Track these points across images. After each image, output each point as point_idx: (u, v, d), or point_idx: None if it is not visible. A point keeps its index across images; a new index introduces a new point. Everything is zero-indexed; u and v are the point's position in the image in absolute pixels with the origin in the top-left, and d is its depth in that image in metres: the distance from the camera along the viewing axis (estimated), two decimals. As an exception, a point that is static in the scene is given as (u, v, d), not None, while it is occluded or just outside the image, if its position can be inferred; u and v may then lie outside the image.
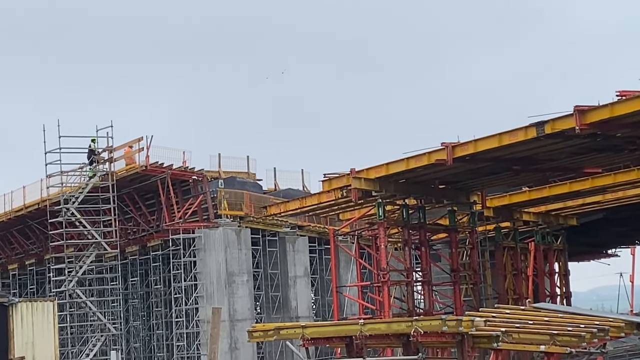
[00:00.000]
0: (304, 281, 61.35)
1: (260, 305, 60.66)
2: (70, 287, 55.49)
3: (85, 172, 57.12)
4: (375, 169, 38.55)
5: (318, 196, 42.84)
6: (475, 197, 44.73)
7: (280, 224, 60.08)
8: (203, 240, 55.32)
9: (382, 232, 39.66)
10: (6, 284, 73.32)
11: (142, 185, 58.48)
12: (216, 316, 32.18)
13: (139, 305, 64.24)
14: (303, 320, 55.33)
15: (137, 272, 63.29)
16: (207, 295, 54.93)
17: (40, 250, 68.99)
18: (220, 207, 56.44)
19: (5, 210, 67.52)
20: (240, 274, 55.52)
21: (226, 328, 52.94)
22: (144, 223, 61.20)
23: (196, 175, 56.89)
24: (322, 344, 27.32)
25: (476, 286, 45.50)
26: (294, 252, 60.98)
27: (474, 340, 23.42)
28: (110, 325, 56.59)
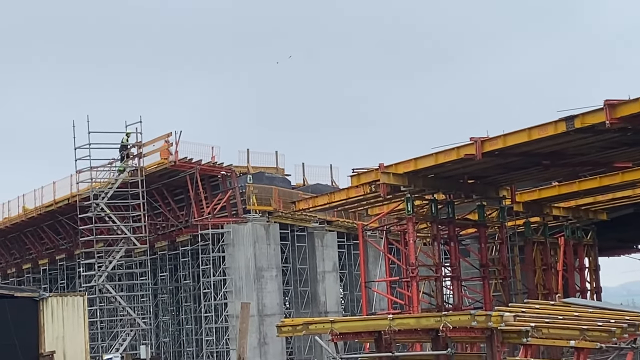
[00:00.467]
0: (333, 276, 61.36)
1: (289, 300, 60.72)
2: (100, 282, 55.80)
3: (114, 168, 57.36)
4: (404, 164, 38.47)
5: (347, 191, 42.79)
6: (504, 192, 44.56)
7: (308, 219, 60.10)
8: (232, 236, 55.44)
9: (410, 227, 39.59)
10: (37, 278, 73.75)
11: (171, 180, 58.67)
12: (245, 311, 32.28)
13: (168, 300, 64.46)
14: (332, 315, 55.35)
15: (166, 267, 63.49)
16: (235, 290, 55.05)
17: (70, 246, 69.34)
18: (249, 202, 56.53)
19: (35, 206, 67.94)
20: (269, 269, 55.59)
21: (255, 323, 53.03)
22: (173, 218, 61.37)
23: (225, 170, 56.99)
24: (350, 338, 27.33)
25: (505, 281, 45.33)
26: (323, 247, 60.99)
27: (503, 335, 23.35)
28: (139, 320, 56.85)
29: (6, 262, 79.78)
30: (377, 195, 40.19)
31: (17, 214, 71.14)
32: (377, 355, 25.37)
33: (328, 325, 25.08)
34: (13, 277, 77.68)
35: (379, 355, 25.12)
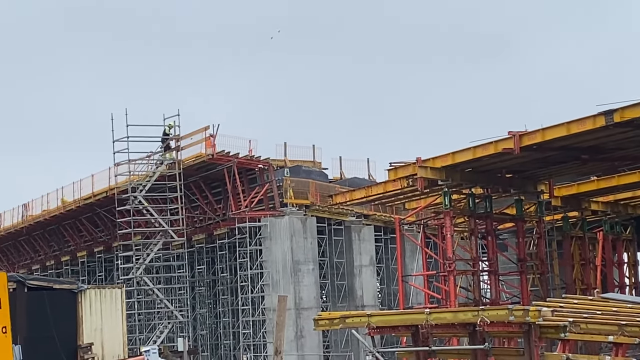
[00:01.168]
0: (370, 270, 61.36)
1: (326, 293, 60.80)
2: (137, 274, 56.12)
3: (152, 161, 57.65)
4: (442, 158, 38.40)
5: (384, 185, 42.76)
6: (542, 187, 44.36)
7: (345, 213, 60.14)
8: (269, 229, 55.58)
9: (448, 221, 39.52)
10: (75, 271, 74.26)
11: (209, 173, 58.88)
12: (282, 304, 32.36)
13: (205, 293, 64.73)
14: (368, 309, 55.39)
15: (203, 260, 63.74)
16: (272, 283, 55.21)
17: (108, 238, 69.79)
18: (286, 196, 56.66)
19: (74, 199, 68.42)
20: (305, 262, 55.70)
21: (292, 316, 53.16)
22: (210, 211, 61.61)
23: (262, 163, 57.13)
24: (387, 332, 27.34)
25: (543, 276, 45.15)
26: (360, 241, 61.00)
27: (541, 330, 23.30)
28: (177, 313, 57.13)
29: (45, 254, 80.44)
30: (415, 189, 40.14)
31: (56, 206, 71.69)
32: (414, 349, 25.40)
33: (365, 319, 25.12)
34: (52, 269, 78.31)
35: (416, 350, 25.15)
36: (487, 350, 23.56)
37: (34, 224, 75.83)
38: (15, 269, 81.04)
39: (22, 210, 78.04)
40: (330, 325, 26.47)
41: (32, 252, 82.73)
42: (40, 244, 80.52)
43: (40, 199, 74.56)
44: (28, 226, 76.70)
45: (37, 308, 39.92)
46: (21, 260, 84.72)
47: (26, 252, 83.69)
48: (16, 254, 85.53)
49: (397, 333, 27.48)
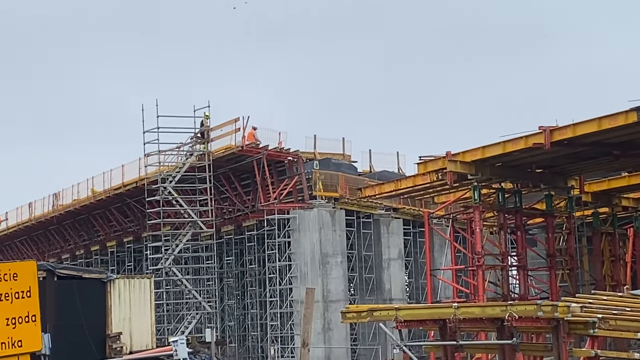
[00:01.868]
0: (398, 263, 61.31)
1: (354, 286, 60.79)
2: (166, 265, 56.34)
3: (182, 152, 57.84)
4: (471, 152, 38.29)
5: (413, 179, 42.68)
6: (573, 182, 44.16)
7: (374, 206, 60.10)
8: (298, 221, 55.63)
9: (477, 215, 39.41)
10: (105, 260, 74.63)
11: (238, 165, 59.00)
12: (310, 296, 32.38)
13: (233, 285, 64.89)
14: (396, 302, 55.35)
15: (232, 252, 63.89)
16: (301, 275, 55.27)
17: (137, 228, 70.08)
18: (315, 188, 56.67)
19: (104, 188, 68.73)
20: (334, 255, 55.71)
21: (320, 309, 53.20)
22: (239, 203, 61.74)
23: (292, 156, 57.20)
24: (415, 326, 27.30)
25: (573, 272, 44.94)
26: (388, 235, 60.96)
27: (569, 326, 23.19)
28: (205, 304, 57.31)
29: (75, 243, 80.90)
30: (444, 183, 40.05)
31: (86, 196, 72.05)
32: (441, 343, 25.36)
33: (393, 313, 25.08)
34: (82, 259, 78.76)
35: (444, 344, 25.11)
36: (514, 346, 23.49)
37: (64, 214, 76.27)
38: (45, 257, 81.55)
39: (52, 200, 78.50)
40: (357, 318, 26.46)
41: (62, 241, 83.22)
42: (70, 233, 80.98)
43: (71, 188, 75.02)
44: (58, 215, 77.15)
45: (66, 297, 40.09)
46: (51, 249, 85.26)
47: (56, 241, 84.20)
48: (46, 243, 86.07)
49: (424, 327, 27.42)
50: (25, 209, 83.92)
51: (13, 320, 10.27)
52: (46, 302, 37.07)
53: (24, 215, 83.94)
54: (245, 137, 56.40)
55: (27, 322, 10.41)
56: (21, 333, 10.35)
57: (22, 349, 10.40)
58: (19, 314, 10.34)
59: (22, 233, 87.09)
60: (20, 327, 10.34)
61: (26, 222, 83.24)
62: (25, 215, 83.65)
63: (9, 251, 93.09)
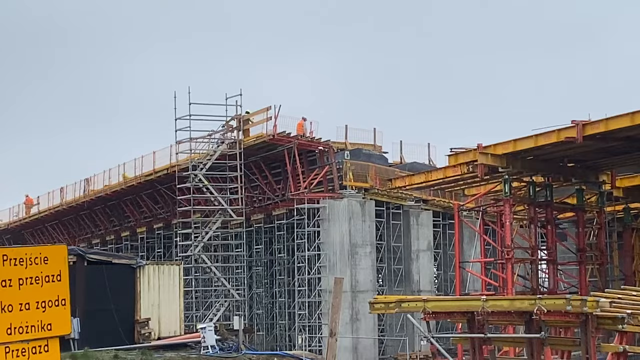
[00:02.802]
0: (427, 255, 61.23)
1: (382, 277, 60.78)
2: (196, 252, 56.52)
3: (213, 140, 57.97)
4: (503, 145, 38.20)
5: (444, 170, 42.66)
6: (604, 177, 43.95)
7: (404, 197, 60.01)
8: (327, 211, 55.64)
9: (507, 208, 39.33)
10: (134, 246, 74.92)
11: (269, 154, 59.07)
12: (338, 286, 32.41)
13: (262, 273, 65.02)
14: (425, 294, 55.26)
15: (261, 240, 64.00)
16: (329, 265, 55.30)
17: (168, 215, 70.33)
18: (346, 179, 56.66)
19: (135, 175, 69.00)
20: (363, 245, 55.70)
21: (348, 299, 53.22)
22: (269, 192, 61.82)
23: (323, 145, 57.16)
24: (443, 318, 27.30)
25: (602, 267, 44.77)
26: (418, 226, 60.87)
27: (598, 321, 23.11)
28: (234, 291, 57.46)
29: (105, 229, 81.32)
30: (475, 175, 40.00)
31: (117, 182, 72.38)
32: (469, 335, 25.33)
33: (421, 304, 25.09)
34: (112, 244, 79.13)
35: (471, 336, 25.08)
36: (543, 339, 23.44)
37: (95, 199, 76.66)
38: (76, 242, 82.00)
39: (84, 185, 78.92)
40: (385, 309, 26.48)
41: (92, 226, 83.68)
42: (101, 218, 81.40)
43: (102, 174, 75.38)
44: (89, 201, 77.54)
45: (96, 282, 40.32)
46: (82, 234, 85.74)
47: (87, 226, 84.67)
48: (77, 228, 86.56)
49: (452, 319, 27.42)
50: (56, 193, 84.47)
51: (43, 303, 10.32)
52: (76, 286, 37.35)
53: (56, 199, 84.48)
54: (298, 129, 56.59)
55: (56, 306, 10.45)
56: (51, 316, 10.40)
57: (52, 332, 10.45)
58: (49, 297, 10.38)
59: (53, 217, 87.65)
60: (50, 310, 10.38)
61: (57, 207, 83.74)
62: (57, 200, 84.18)
63: (40, 235, 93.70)
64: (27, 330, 10.15)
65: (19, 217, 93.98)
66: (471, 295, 38.26)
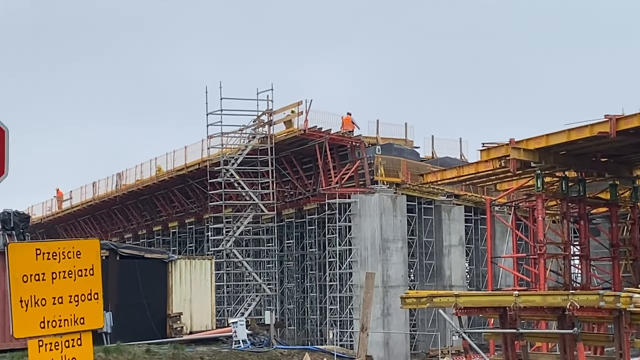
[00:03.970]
0: (459, 250, 61.14)
1: (414, 272, 60.74)
2: (227, 246, 56.71)
3: (245, 134, 58.09)
4: (535, 139, 37.97)
5: (476, 165, 42.44)
6: (638, 172, 43.62)
7: (436, 192, 59.92)
8: (359, 206, 55.64)
9: (540, 203, 39.12)
10: (166, 241, 75.22)
11: (300, 149, 59.14)
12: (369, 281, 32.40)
13: (293, 268, 65.12)
14: (456, 289, 55.15)
15: (292, 235, 64.11)
16: (361, 260, 55.30)
17: (199, 210, 70.56)
18: (377, 173, 56.61)
19: (167, 169, 69.28)
20: (394, 240, 55.66)
21: (379, 294, 53.22)
22: (300, 186, 61.90)
23: (354, 140, 57.15)
24: (475, 313, 27.26)
25: (636, 262, 44.43)
26: (450, 221, 60.78)
27: (631, 317, 22.94)
28: (265, 286, 57.60)
29: (137, 223, 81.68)
30: (507, 170, 39.78)
31: (150, 176, 72.68)
32: (501, 331, 25.24)
33: (452, 299, 25.01)
34: (144, 239, 79.47)
35: (503, 332, 24.99)
36: (575, 335, 23.30)
37: (127, 194, 77.03)
38: (109, 237, 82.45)
39: (116, 180, 79.32)
40: (417, 304, 26.42)
41: (125, 221, 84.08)
42: (133, 213, 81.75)
43: (134, 168, 75.75)
44: (122, 195, 77.95)
45: (128, 276, 40.56)
46: (114, 228, 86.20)
47: (119, 220, 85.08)
48: (110, 223, 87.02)
49: (484, 314, 27.34)
50: (89, 188, 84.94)
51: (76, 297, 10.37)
52: (108, 280, 37.60)
53: (88, 194, 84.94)
54: (345, 124, 56.71)
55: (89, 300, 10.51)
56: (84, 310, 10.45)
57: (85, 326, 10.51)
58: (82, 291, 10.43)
59: (86, 212, 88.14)
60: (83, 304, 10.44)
61: (90, 202, 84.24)
62: (89, 194, 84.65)
63: (73, 230, 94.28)
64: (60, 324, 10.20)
65: (52, 211, 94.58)
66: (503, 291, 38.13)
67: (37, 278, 10.05)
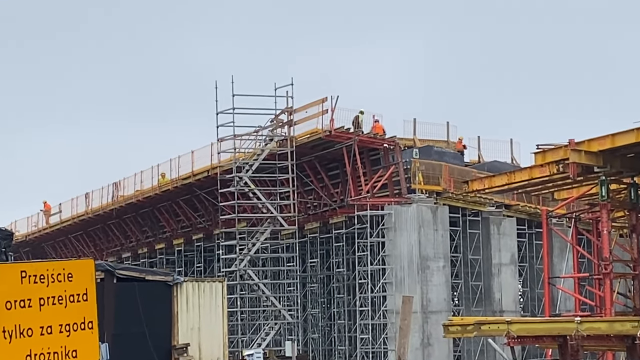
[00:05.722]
0: (510, 270, 60.97)
1: (458, 295, 60.68)
2: (241, 267, 56.73)
3: (261, 136, 58.07)
4: (599, 140, 37.84)
5: (529, 171, 42.35)
6: None
7: (483, 202, 59.83)
8: (393, 218, 55.58)
9: (604, 215, 38.98)
10: (171, 260, 75.20)
11: (325, 152, 59.09)
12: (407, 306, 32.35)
13: (318, 291, 65.10)
14: (508, 314, 55.06)
15: (317, 253, 64.09)
16: (396, 281, 55.25)
17: (209, 224, 70.67)
18: (414, 181, 56.54)
19: (171, 178, 69.25)
20: (435, 258, 55.59)
21: (418, 320, 53.17)
22: (326, 196, 61.86)
23: (388, 142, 57.11)
24: (530, 343, 27.16)
25: None
26: (499, 236, 60.63)
27: None
28: (285, 312, 57.59)
29: (137, 240, 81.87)
30: (566, 176, 39.67)
31: (151, 186, 72.63)
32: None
33: (504, 327, 24.98)
34: (145, 258, 79.66)
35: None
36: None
37: (125, 206, 77.16)
38: (104, 256, 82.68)
39: (112, 190, 79.44)
40: (462, 333, 26.40)
41: (122, 237, 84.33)
42: (132, 228, 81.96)
43: (133, 177, 75.71)
44: (119, 208, 78.05)
45: (127, 302, 40.59)
46: (110, 246, 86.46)
47: (116, 237, 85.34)
48: (105, 240, 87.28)
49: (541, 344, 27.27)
50: (81, 200, 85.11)
51: (67, 327, 10.41)
52: (104, 307, 37.60)
53: (80, 207, 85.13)
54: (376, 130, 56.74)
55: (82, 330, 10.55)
56: (76, 342, 10.49)
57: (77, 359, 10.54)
58: (74, 320, 10.47)
59: (78, 228, 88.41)
60: (75, 335, 10.47)
61: (82, 216, 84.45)
62: (82, 207, 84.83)
63: (63, 248, 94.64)
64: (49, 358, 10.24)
65: (39, 227, 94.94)
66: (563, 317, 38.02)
67: (23, 305, 10.08)
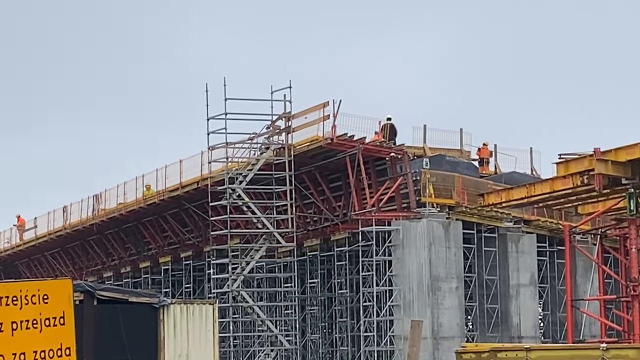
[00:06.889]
0: (530, 291, 60.96)
1: (472, 319, 60.66)
2: (234, 287, 56.69)
3: (256, 145, 58.07)
4: (627, 149, 37.91)
5: (551, 183, 42.42)
6: None
7: (500, 217, 59.84)
8: (401, 235, 55.58)
9: (633, 231, 39.04)
10: (157, 280, 75.20)
11: (327, 162, 59.09)
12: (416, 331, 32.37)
13: (318, 315, 65.06)
14: (527, 341, 55.08)
15: (317, 273, 64.04)
16: (404, 304, 55.25)
17: (198, 241, 70.68)
18: (424, 193, 56.53)
19: (157, 190, 69.21)
20: (447, 279, 55.58)
21: (428, 347, 53.18)
22: (327, 211, 61.86)
23: (395, 151, 57.13)
24: (551, 372, 27.14)
25: None
26: (518, 254, 60.61)
27: None
28: (282, 338, 57.59)
29: (120, 258, 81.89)
30: (591, 189, 39.72)
31: (135, 198, 72.65)
32: (585, 395, 25.18)
33: (522, 354, 25.01)
34: (128, 278, 79.67)
35: (588, 396, 24.93)
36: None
37: (106, 221, 77.17)
38: (83, 276, 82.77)
39: (92, 203, 79.45)
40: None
41: (104, 255, 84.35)
42: (114, 245, 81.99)
43: (116, 189, 75.71)
44: (100, 223, 78.04)
45: (108, 326, 40.55)
46: (90, 265, 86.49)
47: (97, 255, 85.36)
48: (85, 258, 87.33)
49: (563, 373, 27.23)
50: (58, 214, 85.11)
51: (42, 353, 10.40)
52: (83, 331, 37.58)
53: (57, 222, 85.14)
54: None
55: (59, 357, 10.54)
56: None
57: (53, 390, 10.54)
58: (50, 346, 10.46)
59: (55, 244, 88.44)
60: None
61: (59, 231, 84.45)
62: (59, 222, 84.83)
63: (39, 267, 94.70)
64: (22, 388, 10.23)
65: (12, 243, 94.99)
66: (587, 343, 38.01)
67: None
